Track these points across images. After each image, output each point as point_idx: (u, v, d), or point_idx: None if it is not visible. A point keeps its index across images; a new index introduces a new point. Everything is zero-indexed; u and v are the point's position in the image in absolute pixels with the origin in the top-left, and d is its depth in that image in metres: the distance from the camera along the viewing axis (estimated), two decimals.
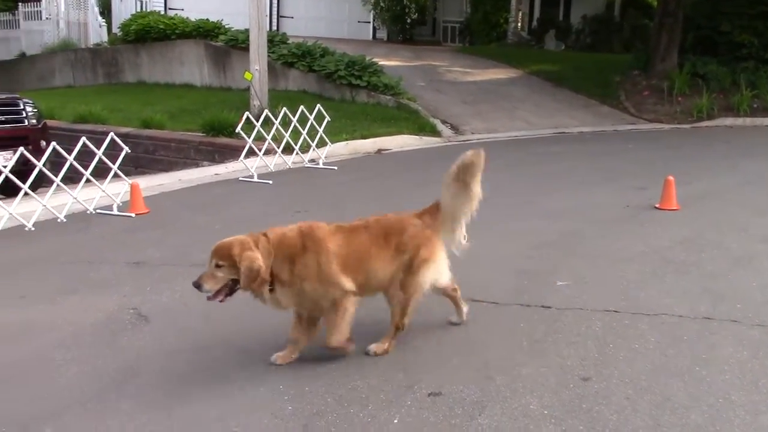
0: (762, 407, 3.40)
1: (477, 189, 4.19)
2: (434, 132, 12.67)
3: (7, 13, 23.23)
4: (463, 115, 14.26)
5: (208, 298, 3.66)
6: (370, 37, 25.07)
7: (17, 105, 9.78)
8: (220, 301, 3.68)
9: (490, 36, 24.40)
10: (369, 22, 25.14)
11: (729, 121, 14.74)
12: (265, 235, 3.76)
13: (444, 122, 13.44)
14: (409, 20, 24.28)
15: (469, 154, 4.21)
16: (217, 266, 3.63)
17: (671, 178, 7.23)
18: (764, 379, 3.66)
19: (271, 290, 3.71)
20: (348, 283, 3.77)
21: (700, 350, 4.01)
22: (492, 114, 14.56)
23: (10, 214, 6.46)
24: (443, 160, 10.72)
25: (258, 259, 3.61)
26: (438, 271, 4.07)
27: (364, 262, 3.86)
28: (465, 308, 4.39)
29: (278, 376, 3.72)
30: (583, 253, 5.84)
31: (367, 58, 15.02)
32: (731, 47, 16.39)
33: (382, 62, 15.70)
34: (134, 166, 11.01)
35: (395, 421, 3.29)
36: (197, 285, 3.63)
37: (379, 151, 11.19)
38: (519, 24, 24.75)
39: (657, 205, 7.29)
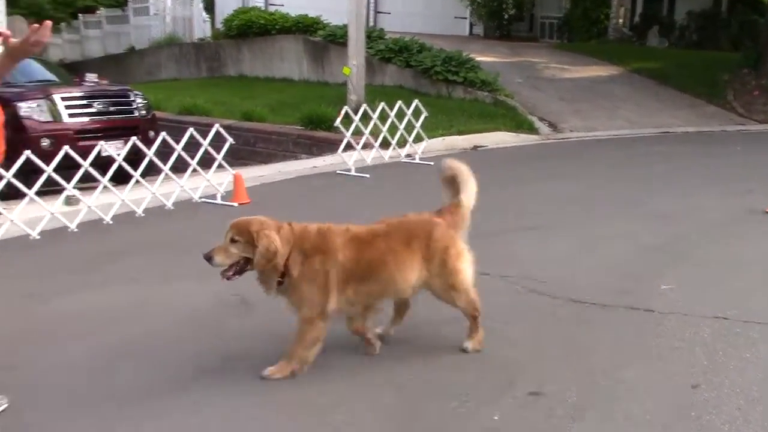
0: None
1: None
2: (531, 129, 12.50)
3: (118, 9, 24.26)
4: (561, 112, 14.01)
5: (222, 277, 3.58)
6: (467, 33, 24.90)
7: (128, 97, 10.22)
8: (227, 279, 3.59)
9: (590, 32, 23.82)
10: (465, 18, 24.98)
11: None
12: (289, 224, 3.68)
13: (542, 119, 13.24)
14: (506, 16, 23.99)
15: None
16: (233, 241, 3.54)
17: None
18: None
19: (280, 283, 3.61)
20: (330, 305, 3.60)
21: None
22: (591, 112, 14.24)
23: (122, 200, 6.75)
24: (540, 158, 10.70)
25: (277, 240, 3.51)
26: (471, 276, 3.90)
27: (377, 271, 3.72)
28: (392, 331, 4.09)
29: (377, 366, 3.75)
30: (691, 257, 5.65)
31: (464, 54, 14.95)
32: None
33: (479, 58, 15.57)
34: (235, 158, 11.29)
35: (495, 417, 3.28)
36: (208, 257, 3.54)
37: (475, 147, 11.12)
38: (620, 20, 24.07)
39: (767, 210, 6.97)
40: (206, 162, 7.84)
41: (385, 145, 9.82)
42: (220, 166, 7.90)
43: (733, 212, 7.06)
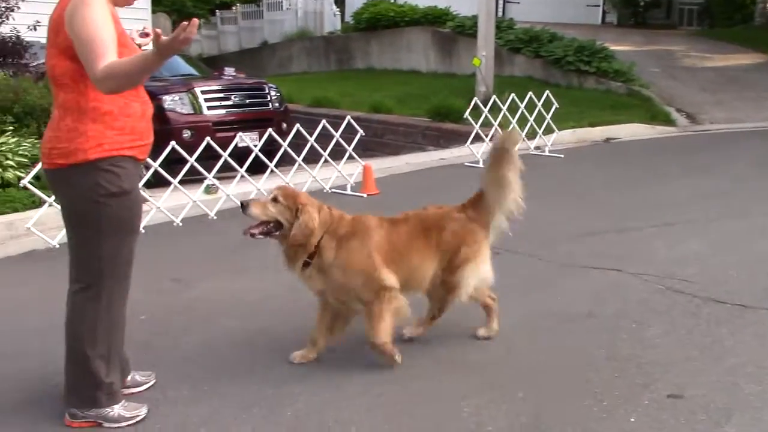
0: None
1: (511, 177, 3.85)
2: (668, 121, 11.98)
3: (253, 5, 25.12)
4: (701, 103, 13.34)
5: (246, 230, 3.51)
6: (599, 21, 24.17)
7: (263, 89, 10.56)
8: (251, 236, 3.50)
9: (734, 18, 22.54)
10: (598, 6, 24.24)
11: None
12: (329, 208, 3.64)
13: (679, 111, 12.65)
14: (642, 2, 23.08)
15: (499, 138, 3.92)
16: (275, 200, 3.49)
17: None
18: None
19: (306, 264, 3.54)
20: (390, 278, 3.55)
21: None
22: (734, 103, 13.47)
23: (258, 189, 7.00)
24: (678, 151, 10.23)
25: (316, 220, 3.49)
26: (479, 274, 3.76)
27: (404, 259, 3.65)
28: (496, 325, 3.95)
29: (509, 363, 3.71)
30: None
31: (597, 43, 14.50)
32: None
33: (613, 47, 15.08)
34: (363, 149, 11.46)
35: (632, 419, 3.16)
36: (245, 204, 3.49)
37: (608, 139, 10.78)
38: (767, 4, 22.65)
39: None
40: (335, 153, 7.99)
41: None
42: (350, 157, 8.04)
43: None
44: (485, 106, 9.56)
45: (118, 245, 3.03)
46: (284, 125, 9.99)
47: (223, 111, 9.82)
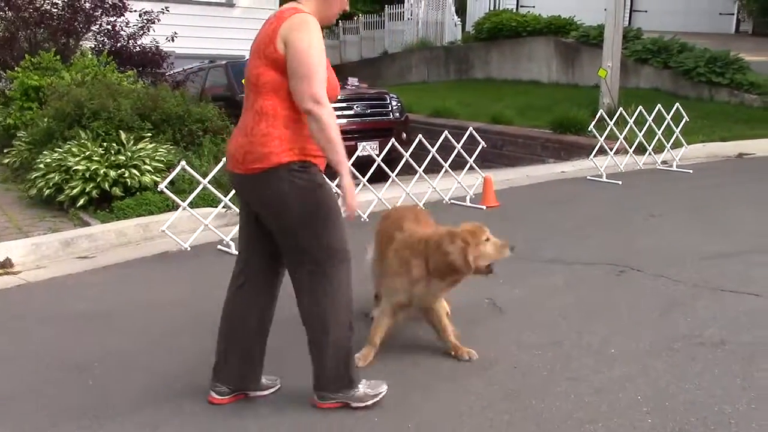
0: None
1: None
2: None
3: (374, 15, 25.50)
4: None
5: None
6: (732, 30, 23.03)
7: (385, 99, 10.70)
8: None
9: None
10: (732, 14, 23.11)
11: None
12: None
13: None
14: None
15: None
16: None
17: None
18: None
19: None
20: None
21: None
22: None
23: (379, 198, 7.09)
24: None
25: None
26: None
27: None
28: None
29: (635, 385, 3.59)
30: None
31: (731, 53, 13.83)
32: None
33: (748, 58, 14.30)
34: (482, 160, 11.38)
35: None
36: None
37: (741, 155, 10.25)
38: None
39: None
40: (454, 164, 7.99)
41: (639, 150, 9.38)
42: (470, 168, 8.02)
43: None
44: (610, 119, 9.30)
45: (333, 232, 3.24)
46: (404, 135, 10.08)
47: (344, 120, 10.00)
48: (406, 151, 7.52)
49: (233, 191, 4.82)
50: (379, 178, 7.53)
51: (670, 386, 3.57)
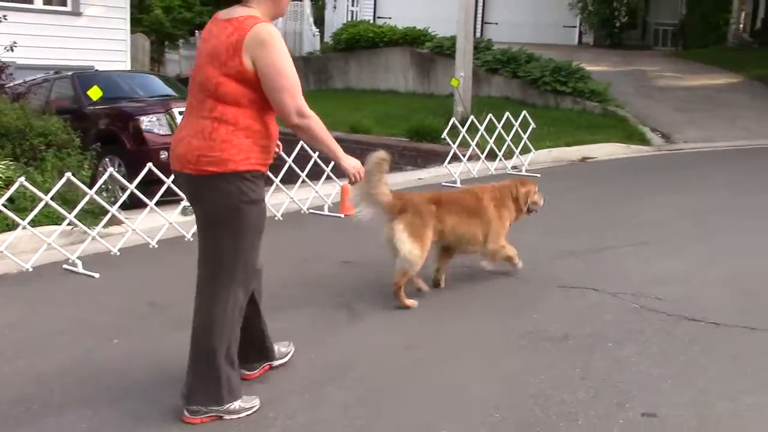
0: None
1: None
2: (643, 140, 12.12)
3: None
4: (675, 123, 13.51)
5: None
6: (576, 42, 24.45)
7: None
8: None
9: (707, 39, 22.90)
10: (575, 27, 24.54)
11: None
12: None
13: (654, 130, 12.81)
14: (617, 23, 23.39)
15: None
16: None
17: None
18: None
19: None
20: None
21: None
22: (708, 122, 13.67)
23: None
24: (653, 170, 10.34)
25: None
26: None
27: None
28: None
29: (485, 382, 3.72)
30: None
31: (574, 64, 14.67)
32: None
33: (589, 68, 15.26)
34: (342, 169, 11.50)
35: None
36: None
37: (584, 159, 10.88)
38: (741, 25, 23.02)
39: None
40: (313, 174, 7.99)
41: (491, 156, 9.75)
42: (328, 177, 8.04)
43: None
44: (463, 126, 9.62)
45: (251, 246, 3.34)
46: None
47: None
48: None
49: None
50: None
51: (517, 382, 3.72)
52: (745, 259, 5.72)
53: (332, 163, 7.87)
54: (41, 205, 5.90)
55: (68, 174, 5.83)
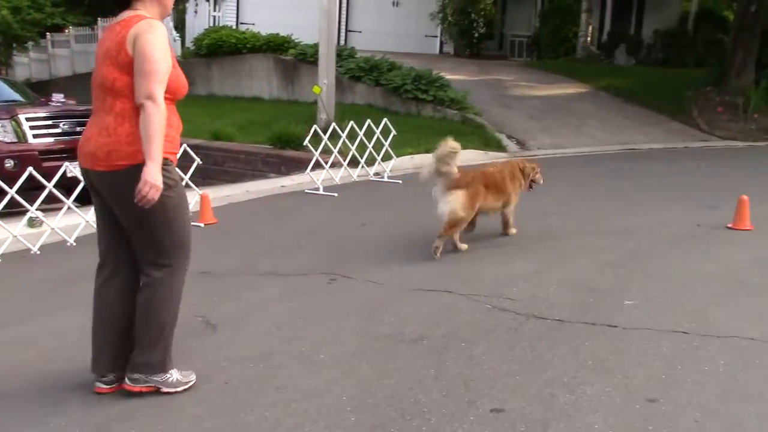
0: None
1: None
2: (500, 147, 12.60)
3: (87, 28, 24.12)
4: (529, 130, 14.16)
5: None
6: (437, 51, 25.13)
7: None
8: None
9: (558, 50, 24.15)
10: (436, 37, 25.21)
11: None
12: None
13: (510, 137, 13.36)
14: (476, 34, 24.24)
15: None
16: None
17: (745, 197, 7.03)
18: None
19: None
20: None
21: None
22: (559, 129, 14.41)
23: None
24: None
25: None
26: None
27: None
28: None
29: (341, 387, 3.76)
30: (653, 272, 5.72)
31: (434, 72, 15.07)
32: None
33: (449, 76, 15.72)
34: (203, 177, 11.24)
35: None
36: None
37: None
38: (588, 38, 24.44)
39: (730, 225, 7.10)
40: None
41: (354, 163, 9.85)
42: (187, 186, 7.87)
43: (695, 227, 7.18)
44: (325, 134, 9.68)
45: (183, 225, 3.57)
46: None
47: (50, 139, 9.33)
48: None
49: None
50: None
51: (372, 384, 3.79)
52: (588, 259, 6.07)
53: (191, 171, 7.80)
54: None
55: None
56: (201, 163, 8.12)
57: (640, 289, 5.27)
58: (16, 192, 6.35)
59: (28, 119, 9.21)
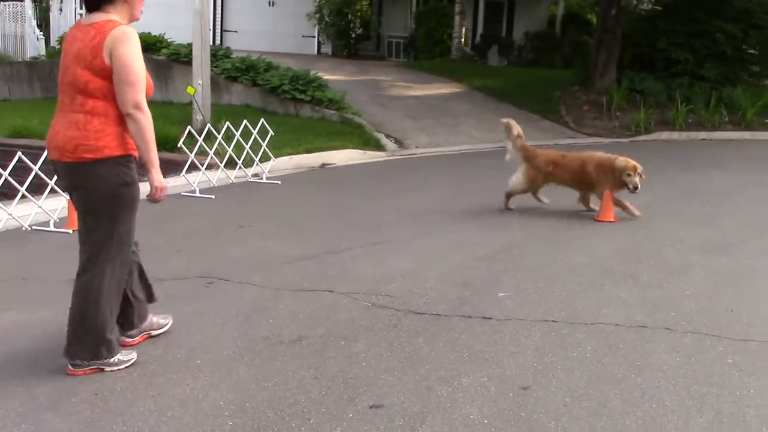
0: (693, 412, 3.50)
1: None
2: (378, 146, 12.72)
3: None
4: (407, 129, 14.36)
5: None
6: (315, 51, 25.13)
7: None
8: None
9: (434, 51, 24.67)
10: (314, 37, 25.20)
11: (665, 135, 15.19)
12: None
13: (388, 136, 13.51)
14: (353, 35, 24.40)
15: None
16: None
17: (609, 191, 7.42)
18: (696, 385, 3.78)
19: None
20: None
21: (635, 358, 4.11)
22: (436, 129, 14.70)
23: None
24: (387, 174, 10.91)
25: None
26: None
27: None
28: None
29: (218, 392, 3.68)
30: (525, 264, 5.93)
31: (312, 73, 15.04)
32: (667, 63, 16.95)
33: (327, 77, 15.74)
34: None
35: None
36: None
37: (323, 165, 11.18)
38: (462, 39, 25.09)
39: (596, 218, 7.47)
40: (40, 188, 7.42)
41: (231, 165, 9.68)
42: (53, 191, 7.49)
43: (565, 220, 7.51)
44: (201, 135, 9.44)
45: (127, 224, 3.83)
46: None
47: None
48: None
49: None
50: None
51: (250, 387, 3.73)
52: (464, 254, 6.22)
53: (55, 177, 7.43)
54: None
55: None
56: None
57: (513, 282, 5.45)
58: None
59: None
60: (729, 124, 15.74)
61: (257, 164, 9.92)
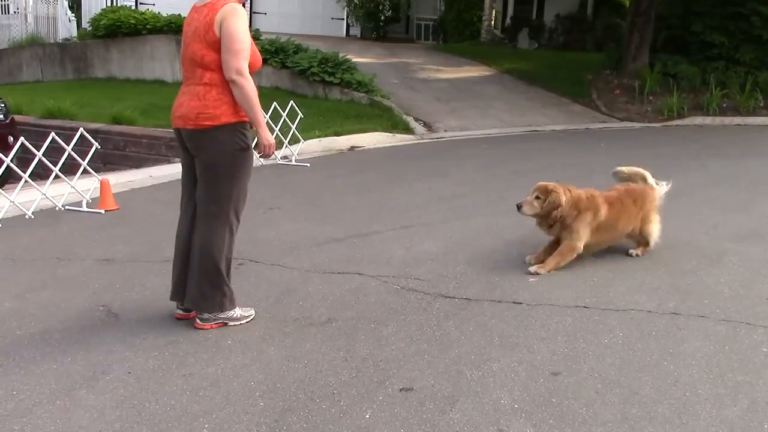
0: (727, 401, 3.46)
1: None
2: (407, 129, 12.67)
3: None
4: (436, 112, 14.28)
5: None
6: (344, 34, 25.04)
7: None
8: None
9: (464, 34, 24.47)
10: (343, 19, 25.11)
11: (699, 120, 14.92)
12: (569, 190, 5.28)
13: (417, 120, 13.45)
14: (382, 17, 24.27)
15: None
16: (537, 198, 5.23)
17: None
18: (729, 374, 3.73)
19: (551, 226, 5.31)
20: (581, 244, 5.31)
21: (667, 345, 4.07)
22: (465, 112, 14.60)
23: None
24: (416, 157, 10.88)
25: (563, 197, 5.18)
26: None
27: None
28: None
29: (249, 372, 3.70)
30: None
31: (341, 55, 14.99)
32: (702, 47, 16.61)
33: (356, 59, 15.66)
34: (104, 163, 10.87)
35: (367, 416, 3.30)
36: (519, 207, 5.29)
37: (352, 148, 11.17)
38: (492, 22, 24.86)
39: None
40: (73, 168, 7.51)
41: None
42: (86, 172, 7.58)
43: None
44: None
45: (243, 186, 4.17)
46: (10, 139, 9.17)
47: None
48: (11, 157, 6.86)
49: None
50: None
51: (281, 368, 3.75)
52: (495, 238, 6.19)
53: (89, 157, 7.52)
54: None
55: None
56: (100, 148, 7.81)
57: None
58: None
59: None
60: (764, 110, 15.41)
61: (286, 146, 9.93)
